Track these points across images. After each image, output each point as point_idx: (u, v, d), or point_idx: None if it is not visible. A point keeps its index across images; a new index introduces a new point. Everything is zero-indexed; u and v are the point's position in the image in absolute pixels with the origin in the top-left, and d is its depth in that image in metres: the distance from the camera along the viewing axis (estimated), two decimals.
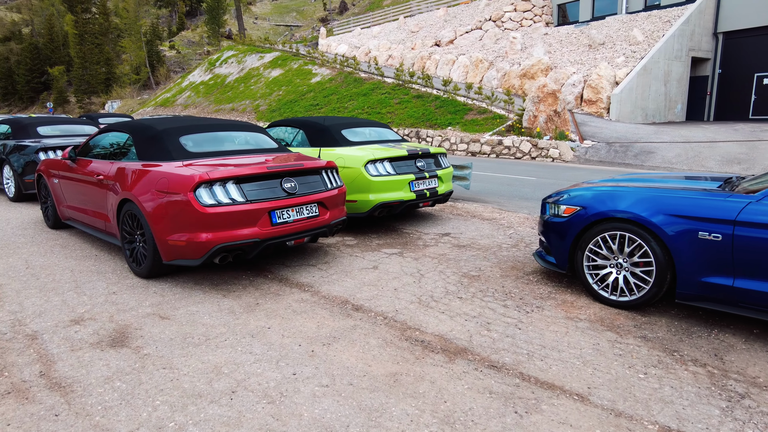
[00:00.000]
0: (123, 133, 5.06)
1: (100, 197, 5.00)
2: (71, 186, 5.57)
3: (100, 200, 5.02)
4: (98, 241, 5.86)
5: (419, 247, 5.57)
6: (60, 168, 5.82)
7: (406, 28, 36.49)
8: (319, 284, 4.40)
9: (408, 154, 6.16)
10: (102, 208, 5.02)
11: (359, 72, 27.22)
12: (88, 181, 5.19)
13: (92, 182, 5.10)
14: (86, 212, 5.38)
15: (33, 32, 66.88)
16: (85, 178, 5.24)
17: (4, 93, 61.66)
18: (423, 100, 21.83)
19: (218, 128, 5.08)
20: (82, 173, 5.32)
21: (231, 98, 31.95)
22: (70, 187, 5.59)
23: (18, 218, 7.07)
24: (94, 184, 5.08)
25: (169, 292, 4.17)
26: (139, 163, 4.58)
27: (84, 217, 5.46)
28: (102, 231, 5.17)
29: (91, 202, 5.24)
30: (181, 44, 65.14)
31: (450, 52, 30.14)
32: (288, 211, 4.36)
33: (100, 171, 4.99)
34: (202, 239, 3.96)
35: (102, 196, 4.95)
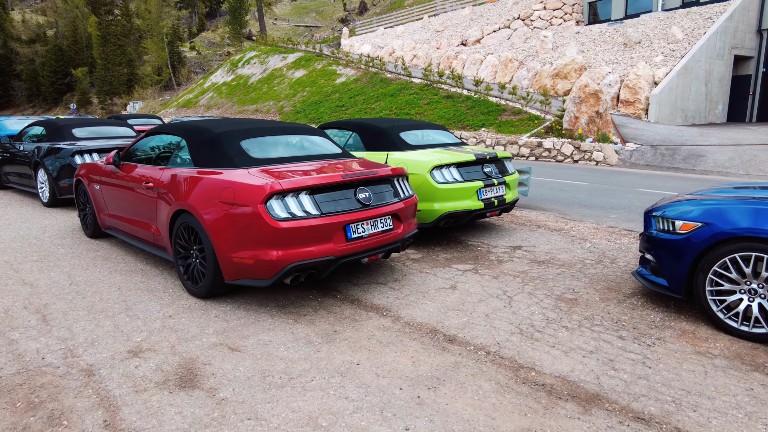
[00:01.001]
0: (175, 136, 4.62)
1: (149, 207, 4.56)
2: (115, 193, 5.15)
3: (148, 210, 4.58)
4: (142, 253, 5.43)
5: (493, 263, 5.03)
6: (102, 173, 5.40)
7: (430, 28, 35.94)
8: (397, 307, 3.89)
9: (476, 159, 5.63)
10: (150, 218, 4.58)
11: (385, 72, 26.74)
12: (134, 189, 4.76)
13: (139, 190, 4.67)
14: (131, 222, 4.95)
15: (57, 34, 67.67)
16: (131, 186, 4.81)
17: (29, 94, 62.39)
18: (453, 100, 21.26)
19: (279, 131, 4.61)
20: (127, 180, 4.89)
21: (254, 99, 31.70)
22: (114, 194, 5.17)
23: (54, 226, 6.68)
24: (141, 192, 4.64)
25: (233, 316, 3.70)
26: (195, 170, 4.12)
27: (128, 227, 5.03)
28: (149, 243, 4.73)
29: (137, 212, 4.80)
30: (202, 45, 65.38)
31: (477, 52, 29.53)
32: (363, 224, 3.86)
33: (148, 178, 4.55)
34: (273, 257, 3.48)
35: (151, 205, 4.51)
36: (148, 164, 4.82)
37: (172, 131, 4.65)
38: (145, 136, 5.06)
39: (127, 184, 4.89)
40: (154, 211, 4.47)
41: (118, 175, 5.06)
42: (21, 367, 2.97)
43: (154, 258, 5.21)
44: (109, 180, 5.22)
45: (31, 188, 8.43)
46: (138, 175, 4.73)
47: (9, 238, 6.00)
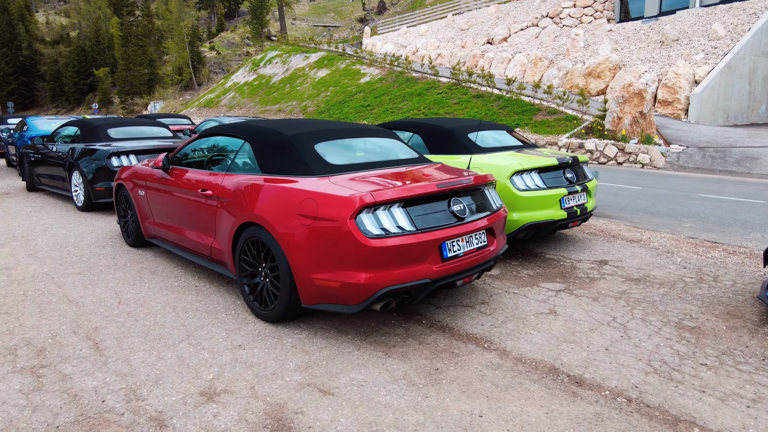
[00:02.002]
0: (235, 139, 4.13)
1: (205, 217, 4.08)
2: (163, 200, 4.69)
3: (204, 220, 4.11)
4: (191, 265, 4.97)
5: (585, 281, 4.47)
6: (148, 178, 4.95)
7: (455, 26, 35.35)
8: (498, 338, 3.36)
9: (558, 164, 5.08)
10: (207, 230, 4.10)
11: (411, 71, 26.21)
12: (187, 197, 4.29)
13: (194, 198, 4.20)
14: (183, 233, 4.49)
15: (80, 35, 68.31)
16: (184, 193, 4.34)
17: (52, 95, 62.97)
18: (484, 99, 20.65)
19: (351, 134, 4.11)
20: (179, 186, 4.42)
21: (277, 99, 31.39)
22: (162, 201, 4.71)
23: (92, 232, 6.27)
24: (196, 201, 4.17)
25: (312, 346, 3.20)
26: (262, 177, 3.64)
27: (178, 238, 4.57)
28: (204, 257, 4.26)
29: (190, 222, 4.33)
30: (221, 45, 65.51)
31: (505, 50, 28.88)
32: (458, 241, 3.34)
33: (206, 184, 4.08)
34: (363, 280, 2.97)
35: (208, 215, 4.04)
36: (202, 169, 4.35)
37: (233, 133, 4.16)
38: (197, 138, 4.59)
39: (178, 191, 4.42)
40: (213, 222, 3.99)
41: (168, 180, 4.60)
42: (79, 412, 2.50)
43: (207, 272, 4.74)
44: (157, 186, 4.76)
45: (65, 191, 8.06)
46: (192, 182, 4.27)
47: (47, 247, 5.59)
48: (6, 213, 7.45)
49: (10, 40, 63.94)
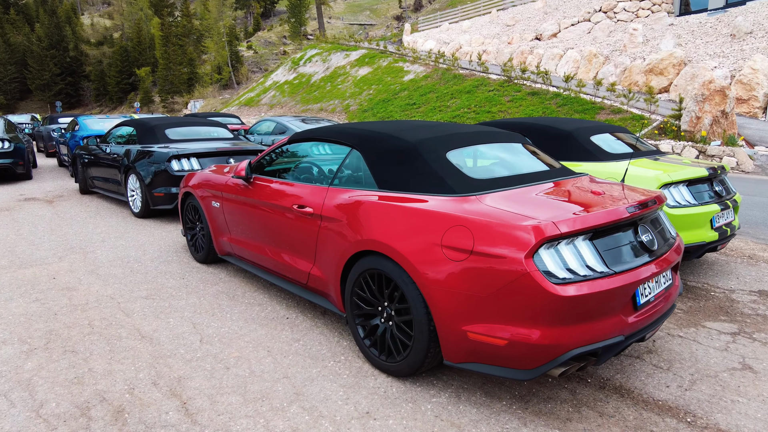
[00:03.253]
0: (341, 145, 3.41)
1: (302, 237, 3.39)
2: (244, 214, 4.03)
3: (300, 241, 3.42)
4: (274, 289, 4.30)
5: (757, 320, 3.60)
6: (225, 188, 4.31)
7: (499, 22, 34.25)
8: (699, 408, 2.54)
9: (708, 175, 4.20)
10: (304, 253, 3.42)
11: (458, 68, 25.30)
12: (278, 212, 3.61)
13: (287, 214, 3.51)
14: (269, 253, 3.81)
15: (123, 36, 69.71)
16: (273, 208, 3.66)
17: (96, 94, 64.42)
18: (540, 97, 19.60)
19: (481, 139, 3.34)
20: (265, 199, 3.75)
21: (318, 98, 30.93)
22: (243, 215, 4.05)
23: (153, 244, 5.69)
24: (290, 218, 3.49)
25: (462, 417, 2.45)
26: (380, 194, 2.92)
27: (263, 258, 3.90)
28: (298, 284, 3.57)
29: (280, 242, 3.65)
30: (258, 44, 65.86)
31: (555, 46, 27.67)
32: (649, 283, 2.54)
33: (303, 200, 3.38)
34: (544, 339, 2.20)
35: (306, 236, 3.35)
36: (295, 181, 3.66)
37: (336, 138, 3.45)
38: (286, 143, 3.90)
39: (265, 206, 3.75)
40: (313, 245, 3.30)
41: (251, 192, 3.93)
42: None
43: (296, 300, 4.06)
44: (237, 197, 4.10)
45: (119, 195, 7.57)
46: (284, 195, 3.58)
47: (107, 261, 5.03)
48: (61, 218, 6.99)
49: (58, 42, 65.82)
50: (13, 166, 10.16)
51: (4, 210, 7.63)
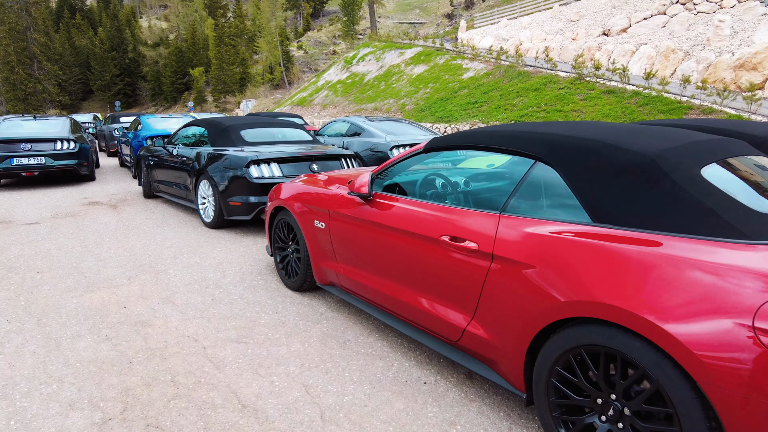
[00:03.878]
0: (516, 155, 2.47)
1: (455, 280, 2.49)
2: (363, 241, 3.16)
3: (453, 285, 2.51)
4: (393, 333, 3.42)
5: None
6: (333, 204, 3.45)
7: (562, 17, 32.57)
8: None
9: None
10: (457, 301, 2.51)
11: (522, 65, 23.97)
12: (415, 242, 2.72)
13: (431, 246, 2.61)
14: (397, 294, 2.93)
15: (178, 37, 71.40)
16: (407, 235, 2.77)
17: (152, 94, 66.22)
18: (616, 96, 18.11)
19: (732, 149, 2.33)
20: (396, 224, 2.86)
21: (372, 97, 30.21)
22: (360, 241, 3.18)
23: (232, 263, 4.94)
24: (435, 251, 2.58)
25: None
26: (605, 230, 1.97)
27: (388, 299, 3.01)
28: (444, 340, 2.67)
29: (418, 281, 2.76)
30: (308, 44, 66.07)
31: (626, 42, 25.92)
32: None
33: (457, 228, 2.48)
34: None
35: (463, 279, 2.44)
36: (439, 202, 2.76)
37: (508, 145, 2.50)
38: (422, 151, 2.99)
39: (395, 232, 2.86)
40: (474, 292, 2.38)
41: (372, 212, 3.06)
42: None
43: (426, 351, 3.16)
44: (352, 218, 3.24)
45: (188, 202, 6.92)
46: (426, 220, 2.68)
47: (183, 285, 4.29)
48: (127, 227, 6.38)
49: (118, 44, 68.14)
50: (78, 167, 9.79)
51: (69, 216, 7.12)
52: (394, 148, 7.69)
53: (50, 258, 5.10)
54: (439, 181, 3.04)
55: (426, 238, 2.64)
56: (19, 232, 6.20)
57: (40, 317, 3.65)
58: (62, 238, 5.89)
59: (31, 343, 3.24)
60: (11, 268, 4.77)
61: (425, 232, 2.65)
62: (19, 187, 9.99)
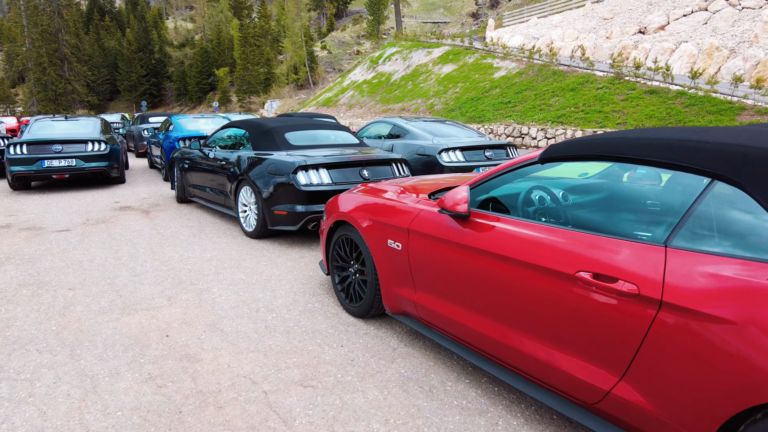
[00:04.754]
0: (680, 171, 1.89)
1: (599, 329, 1.93)
2: (456, 268, 2.62)
3: (593, 334, 1.96)
4: (485, 377, 2.87)
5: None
6: (414, 222, 2.92)
7: (595, 15, 31.60)
8: None
9: None
10: (598, 354, 1.96)
11: (557, 64, 23.17)
12: (536, 276, 2.17)
13: (562, 283, 2.06)
14: (505, 339, 2.38)
15: (204, 38, 71.90)
16: (526, 266, 2.22)
17: (177, 94, 66.75)
18: (659, 96, 17.25)
19: None
20: (507, 252, 2.31)
21: (399, 97, 29.69)
22: (452, 269, 2.64)
23: (282, 280, 4.44)
24: (569, 290, 2.03)
25: None
26: None
27: (491, 343, 2.47)
28: (576, 402, 2.11)
29: (540, 325, 2.21)
30: (332, 44, 65.91)
31: (665, 39, 24.92)
32: None
33: (601, 263, 1.93)
34: None
35: (611, 328, 1.88)
36: (567, 226, 2.21)
37: (668, 157, 1.93)
38: (538, 161, 2.43)
39: (507, 262, 2.31)
40: (629, 346, 1.83)
41: (469, 235, 2.51)
42: None
43: (536, 405, 2.60)
44: (441, 240, 2.70)
45: (226, 209, 6.47)
46: (553, 249, 2.13)
47: (230, 307, 3.80)
48: (162, 236, 5.95)
49: (145, 45, 68.94)
50: (108, 169, 9.46)
51: (100, 222, 6.74)
52: (443, 151, 7.13)
53: (82, 272, 4.68)
54: (555, 197, 2.49)
55: (554, 272, 2.09)
56: (49, 240, 5.82)
57: (73, 346, 3.20)
58: (94, 247, 5.49)
59: (64, 381, 2.78)
60: (42, 284, 4.36)
61: (553, 265, 2.09)
62: (49, 189, 9.71)
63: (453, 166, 7.07)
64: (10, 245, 5.61)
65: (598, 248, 1.98)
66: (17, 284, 4.36)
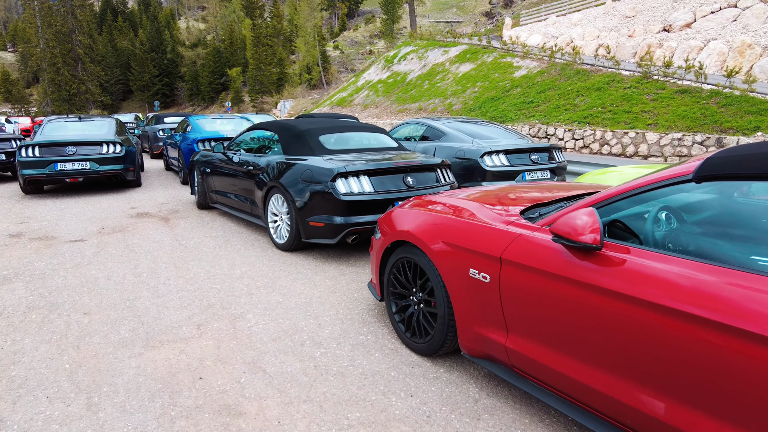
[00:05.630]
0: None
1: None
2: (579, 314, 2.05)
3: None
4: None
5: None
6: (508, 247, 2.36)
7: (616, 13, 30.82)
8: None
9: None
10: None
11: (581, 63, 22.47)
12: (705, 332, 1.60)
13: (750, 346, 1.49)
14: (650, 409, 1.81)
15: (216, 38, 71.77)
16: (694, 321, 1.65)
17: (189, 94, 66.61)
18: (692, 96, 16.52)
19: None
20: (656, 298, 1.75)
21: (416, 97, 29.10)
22: (572, 314, 2.08)
23: (325, 305, 3.91)
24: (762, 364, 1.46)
25: None
26: None
27: (629, 412, 1.90)
28: None
29: (710, 395, 1.64)
30: (344, 44, 65.53)
31: (692, 37, 24.13)
32: None
33: None
34: None
35: None
36: (752, 268, 1.64)
37: None
38: (688, 180, 1.86)
39: (653, 309, 1.75)
40: None
41: (607, 276, 1.95)
42: None
43: None
44: (556, 276, 2.13)
45: (253, 217, 5.95)
46: (729, 303, 1.56)
47: (270, 339, 3.27)
48: (184, 248, 5.45)
49: (157, 45, 68.97)
50: (124, 172, 8.99)
51: (116, 231, 6.25)
52: (486, 155, 6.55)
53: (98, 291, 4.17)
54: (743, 227, 1.91)
55: (737, 331, 1.52)
56: (62, 252, 5.33)
57: (90, 392, 2.68)
58: (111, 261, 4.99)
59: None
60: (54, 306, 3.86)
61: (740, 323, 1.53)
62: (62, 193, 9.27)
63: (497, 171, 6.49)
64: (19, 258, 5.14)
65: None
66: (26, 306, 3.86)
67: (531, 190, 3.23)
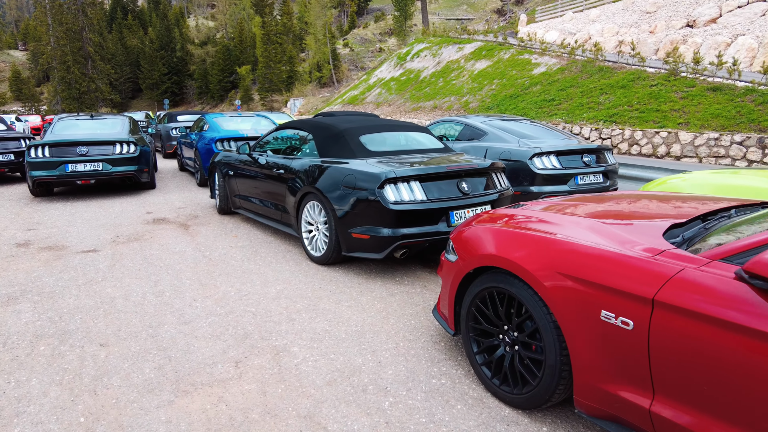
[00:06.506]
0: None
1: None
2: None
3: None
4: None
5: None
6: (665, 286, 1.78)
7: (636, 9, 30.09)
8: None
9: None
10: None
11: (603, 60, 21.77)
12: None
13: None
14: None
15: (225, 36, 71.44)
16: None
17: (198, 92, 66.29)
18: (724, 93, 15.81)
19: None
20: None
21: (430, 95, 28.50)
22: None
23: (381, 335, 3.34)
24: None
25: None
26: None
27: None
28: None
29: None
30: (354, 42, 64.96)
31: (718, 33, 23.38)
32: None
33: None
34: None
35: None
36: None
37: None
38: None
39: None
40: None
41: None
42: None
43: None
44: (739, 327, 1.56)
45: (283, 225, 5.40)
46: None
47: (324, 381, 2.71)
48: (209, 260, 4.90)
49: (166, 43, 68.69)
50: (138, 173, 8.48)
51: (132, 240, 5.72)
52: (536, 156, 5.96)
53: (116, 315, 3.63)
54: None
55: None
56: (74, 265, 4.81)
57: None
58: (128, 277, 4.45)
59: None
60: (65, 335, 3.32)
61: None
62: (73, 196, 8.77)
63: (547, 175, 5.90)
64: (27, 272, 4.61)
65: None
66: (33, 335, 3.33)
67: (641, 201, 2.64)
